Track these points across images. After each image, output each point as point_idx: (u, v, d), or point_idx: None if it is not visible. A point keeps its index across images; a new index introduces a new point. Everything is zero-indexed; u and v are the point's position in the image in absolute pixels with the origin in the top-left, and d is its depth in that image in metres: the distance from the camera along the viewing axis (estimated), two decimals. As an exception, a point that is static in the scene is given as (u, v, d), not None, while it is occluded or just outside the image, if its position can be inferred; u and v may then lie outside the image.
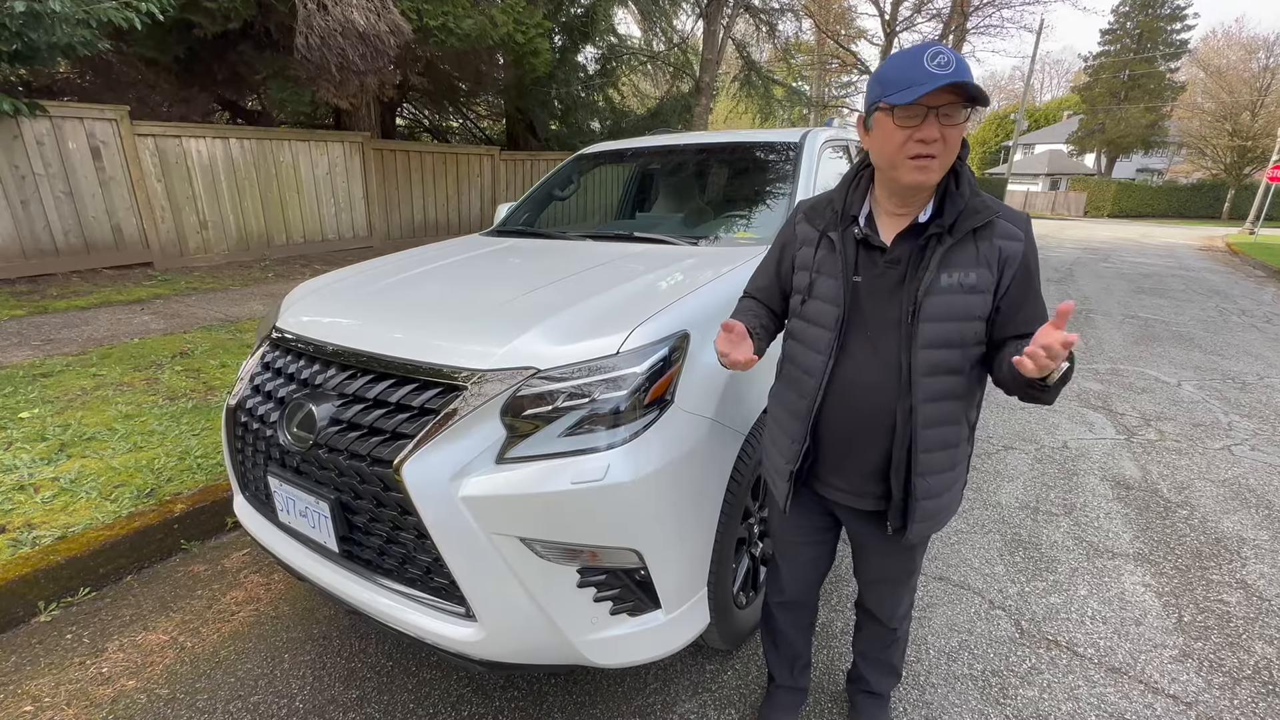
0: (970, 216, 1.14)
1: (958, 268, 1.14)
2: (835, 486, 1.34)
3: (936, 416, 1.19)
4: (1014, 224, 1.17)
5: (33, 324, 4.73)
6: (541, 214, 3.10)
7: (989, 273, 1.14)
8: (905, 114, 1.07)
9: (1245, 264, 12.56)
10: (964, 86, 1.03)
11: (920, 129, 1.07)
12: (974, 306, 1.15)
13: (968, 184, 1.17)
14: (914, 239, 1.18)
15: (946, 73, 1.02)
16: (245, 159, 7.51)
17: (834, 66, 25.91)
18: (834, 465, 1.31)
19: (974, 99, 1.05)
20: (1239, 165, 30.81)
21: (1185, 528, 2.72)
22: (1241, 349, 5.74)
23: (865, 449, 1.26)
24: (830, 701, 1.78)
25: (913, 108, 1.06)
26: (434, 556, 1.38)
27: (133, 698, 1.75)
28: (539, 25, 8.55)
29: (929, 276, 1.13)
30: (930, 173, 1.10)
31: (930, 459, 1.21)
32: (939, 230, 1.15)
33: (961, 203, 1.15)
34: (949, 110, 1.06)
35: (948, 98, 1.05)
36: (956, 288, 1.14)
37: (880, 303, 1.20)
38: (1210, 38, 35.80)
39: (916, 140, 1.08)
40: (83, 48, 5.15)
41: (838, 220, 1.25)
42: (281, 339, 1.78)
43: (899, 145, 1.10)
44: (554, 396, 1.37)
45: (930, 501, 1.24)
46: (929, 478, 1.22)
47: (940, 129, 1.06)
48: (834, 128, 3.06)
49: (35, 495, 2.46)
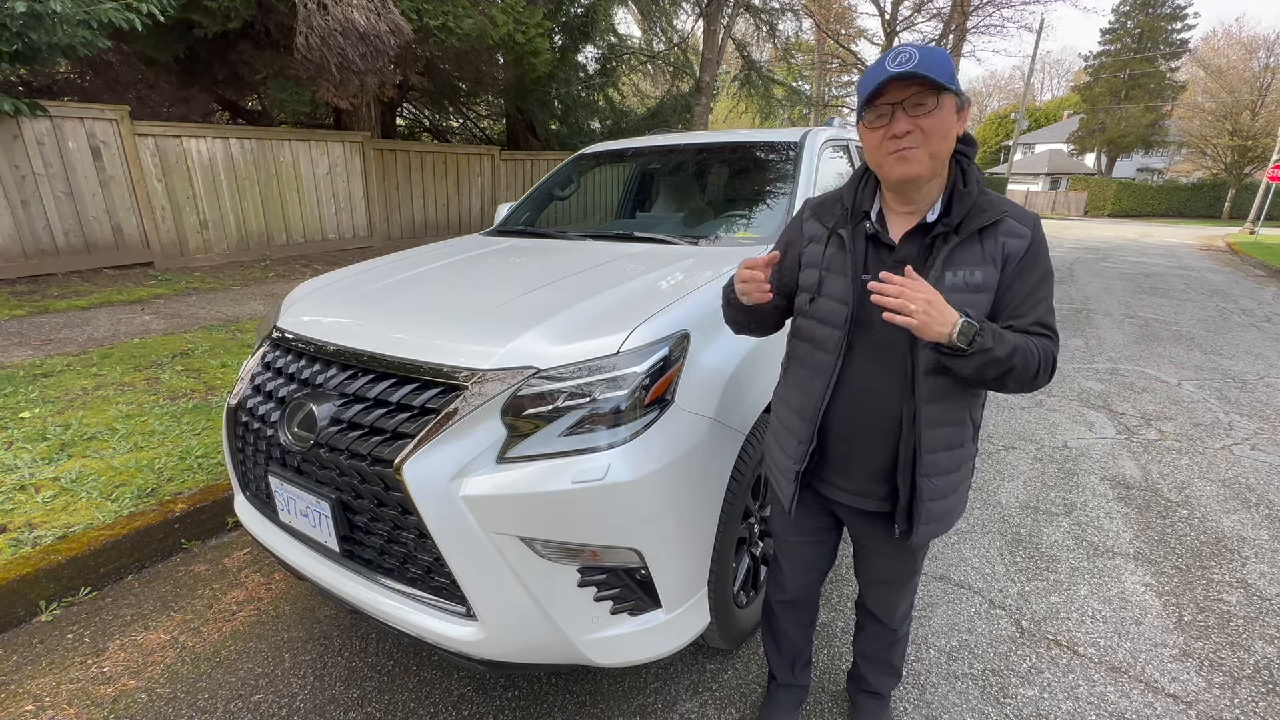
0: (977, 215, 1.15)
1: (963, 266, 1.14)
2: (839, 487, 1.33)
3: (941, 416, 1.19)
4: (1021, 222, 1.16)
5: (33, 324, 4.73)
6: (542, 214, 3.10)
7: (994, 270, 1.14)
8: (872, 115, 1.12)
9: (1246, 263, 12.55)
10: (914, 75, 1.04)
11: (890, 125, 1.10)
12: (979, 305, 1.14)
13: (975, 182, 1.17)
14: (921, 238, 1.18)
15: (901, 69, 1.04)
16: (245, 159, 7.51)
17: (834, 66, 25.87)
18: (839, 466, 1.31)
19: (937, 85, 1.05)
20: (1239, 165, 30.79)
21: (1186, 527, 2.72)
22: (1242, 348, 5.74)
23: (871, 449, 1.25)
24: (830, 701, 1.78)
25: (877, 107, 1.11)
26: (434, 556, 1.38)
27: (134, 697, 1.76)
28: (539, 25, 8.54)
29: (934, 276, 1.13)
30: (912, 163, 1.10)
31: (935, 459, 1.21)
32: (945, 229, 1.15)
33: (969, 201, 1.15)
34: (915, 100, 1.08)
35: (908, 90, 1.07)
36: (962, 286, 1.14)
37: None
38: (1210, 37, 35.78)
39: (890, 137, 1.10)
40: (83, 48, 5.15)
41: (848, 217, 1.25)
42: (282, 339, 1.79)
43: (877, 145, 1.14)
44: (554, 396, 1.37)
45: (936, 503, 1.23)
46: (935, 478, 1.22)
47: (911, 120, 1.08)
48: (834, 127, 3.06)
49: (36, 495, 2.46)
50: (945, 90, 1.06)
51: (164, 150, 6.78)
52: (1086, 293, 8.48)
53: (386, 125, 10.62)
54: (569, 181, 3.21)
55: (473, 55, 8.35)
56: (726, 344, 1.63)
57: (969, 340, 1.04)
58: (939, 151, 1.11)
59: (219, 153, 7.26)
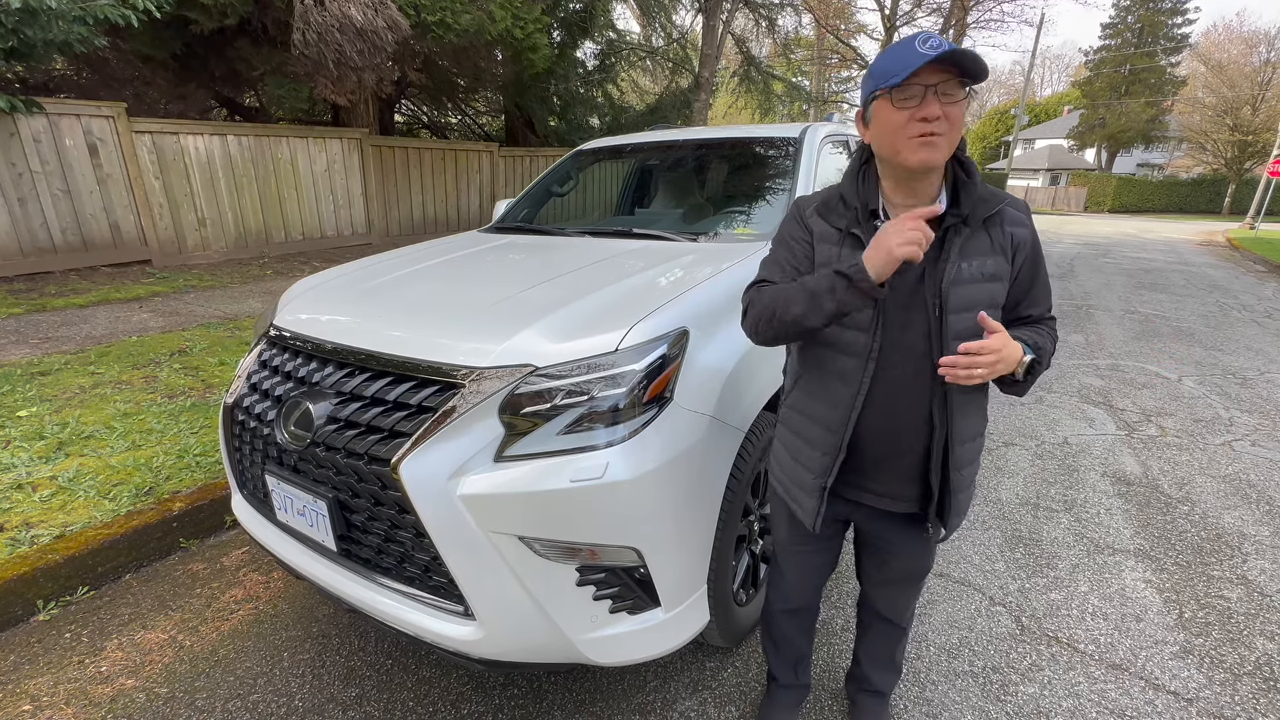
0: (982, 205, 1.15)
1: (976, 256, 1.15)
2: (868, 491, 1.30)
3: (968, 406, 1.21)
4: (1019, 210, 1.19)
5: (31, 322, 4.72)
6: (540, 210, 3.09)
7: (1004, 260, 1.15)
8: (902, 94, 1.07)
9: (1246, 259, 12.54)
10: (955, 59, 1.02)
11: (921, 107, 1.06)
12: (994, 294, 1.16)
13: (975, 173, 1.17)
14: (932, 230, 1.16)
15: (938, 51, 1.02)
16: (243, 156, 7.48)
17: (834, 62, 25.77)
18: (870, 470, 1.28)
19: (970, 74, 1.04)
20: (1239, 160, 30.77)
21: (1186, 523, 2.72)
22: (1242, 344, 5.73)
23: (903, 450, 1.23)
24: (830, 699, 1.78)
25: (909, 87, 1.06)
26: (432, 555, 1.37)
27: (131, 696, 1.75)
28: (537, 21, 8.51)
29: (951, 267, 1.13)
30: (937, 150, 1.08)
31: (963, 450, 1.23)
32: (956, 220, 1.14)
33: (975, 192, 1.15)
34: (947, 88, 1.05)
35: (943, 75, 1.05)
36: (978, 276, 1.14)
37: (904, 299, 1.17)
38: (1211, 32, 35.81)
39: (919, 119, 1.06)
40: (79, 44, 5.12)
41: (858, 217, 1.20)
42: (279, 337, 1.78)
43: (900, 126, 1.08)
44: (552, 394, 1.36)
45: (963, 494, 1.26)
46: (964, 469, 1.24)
47: (941, 106, 1.06)
48: (834, 122, 3.04)
49: (33, 494, 2.45)
50: (970, 85, 1.06)
51: (161, 147, 6.76)
52: (1087, 288, 8.47)
53: (385, 122, 10.58)
54: (568, 178, 3.20)
55: (471, 51, 8.32)
56: (725, 341, 1.62)
57: (1028, 370, 1.10)
58: (955, 143, 1.11)
59: (217, 150, 7.23)
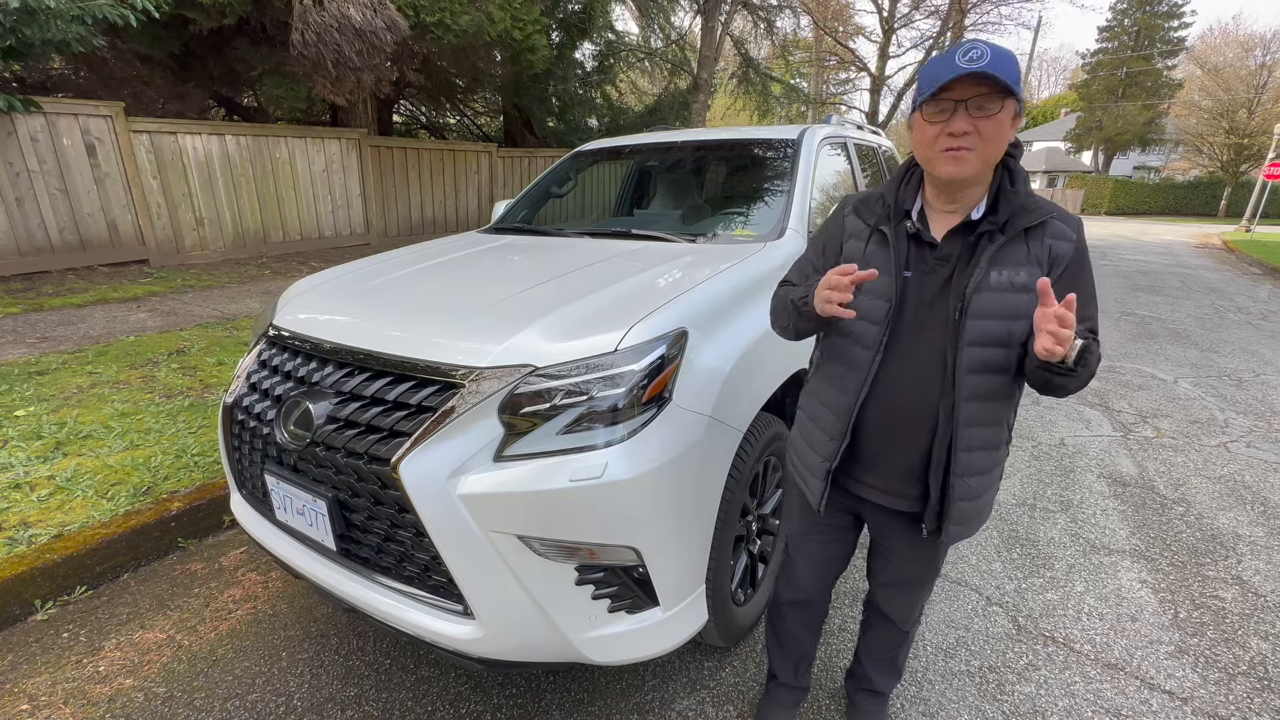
0: (1023, 215, 1.14)
1: (1007, 266, 1.13)
2: (870, 485, 1.32)
3: (978, 416, 1.19)
4: (1067, 225, 1.16)
5: (28, 321, 4.71)
6: (539, 211, 3.09)
7: (1039, 272, 1.13)
8: (932, 109, 1.09)
9: (1242, 261, 12.59)
10: (986, 76, 1.02)
11: (950, 122, 1.07)
12: (1022, 305, 1.12)
13: (1023, 182, 1.16)
14: (965, 236, 1.17)
15: (974, 66, 1.02)
16: (241, 156, 7.47)
17: (832, 63, 25.85)
18: (871, 463, 1.29)
19: (1006, 89, 1.04)
20: (1236, 162, 30.84)
21: (1181, 524, 2.73)
22: (1238, 346, 5.76)
23: (905, 447, 1.24)
24: (829, 699, 1.78)
25: (939, 101, 1.08)
26: (432, 554, 1.38)
27: (130, 696, 1.75)
28: (536, 21, 8.52)
29: (979, 274, 1.13)
30: (964, 164, 1.09)
31: (970, 459, 1.20)
32: (991, 228, 1.14)
33: (1016, 201, 1.14)
34: (981, 102, 1.06)
35: (976, 89, 1.05)
36: (1006, 286, 1.13)
37: (928, 299, 1.18)
38: (1207, 35, 35.88)
39: (946, 134, 1.08)
40: (77, 44, 5.11)
41: (889, 215, 1.24)
42: (278, 336, 1.78)
43: (931, 140, 1.11)
44: (552, 394, 1.37)
45: (967, 504, 1.23)
46: (968, 479, 1.21)
47: (971, 121, 1.06)
48: (832, 124, 3.05)
49: (31, 493, 2.45)
50: (1010, 95, 1.05)
51: (159, 147, 6.75)
52: (1083, 290, 8.48)
53: (383, 122, 10.59)
54: (566, 179, 3.20)
55: (469, 52, 8.33)
56: (724, 341, 1.62)
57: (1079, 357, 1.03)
58: (991, 156, 1.10)
59: (215, 149, 7.22)
